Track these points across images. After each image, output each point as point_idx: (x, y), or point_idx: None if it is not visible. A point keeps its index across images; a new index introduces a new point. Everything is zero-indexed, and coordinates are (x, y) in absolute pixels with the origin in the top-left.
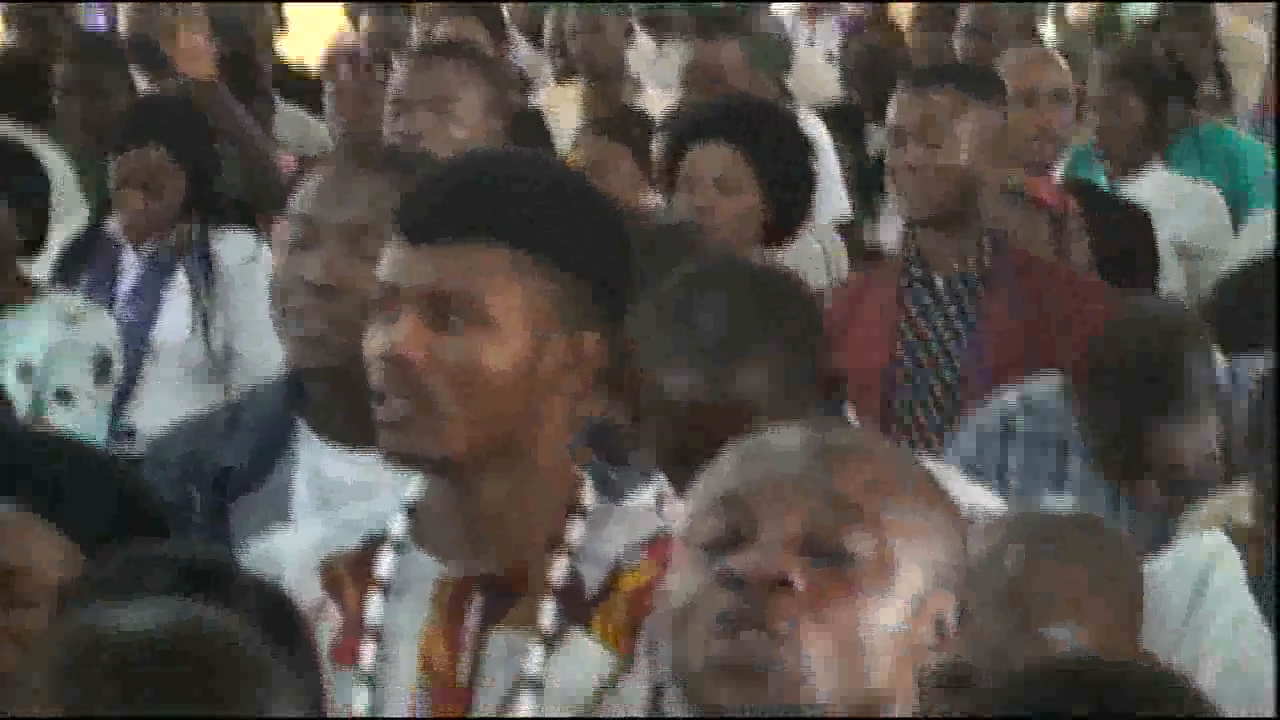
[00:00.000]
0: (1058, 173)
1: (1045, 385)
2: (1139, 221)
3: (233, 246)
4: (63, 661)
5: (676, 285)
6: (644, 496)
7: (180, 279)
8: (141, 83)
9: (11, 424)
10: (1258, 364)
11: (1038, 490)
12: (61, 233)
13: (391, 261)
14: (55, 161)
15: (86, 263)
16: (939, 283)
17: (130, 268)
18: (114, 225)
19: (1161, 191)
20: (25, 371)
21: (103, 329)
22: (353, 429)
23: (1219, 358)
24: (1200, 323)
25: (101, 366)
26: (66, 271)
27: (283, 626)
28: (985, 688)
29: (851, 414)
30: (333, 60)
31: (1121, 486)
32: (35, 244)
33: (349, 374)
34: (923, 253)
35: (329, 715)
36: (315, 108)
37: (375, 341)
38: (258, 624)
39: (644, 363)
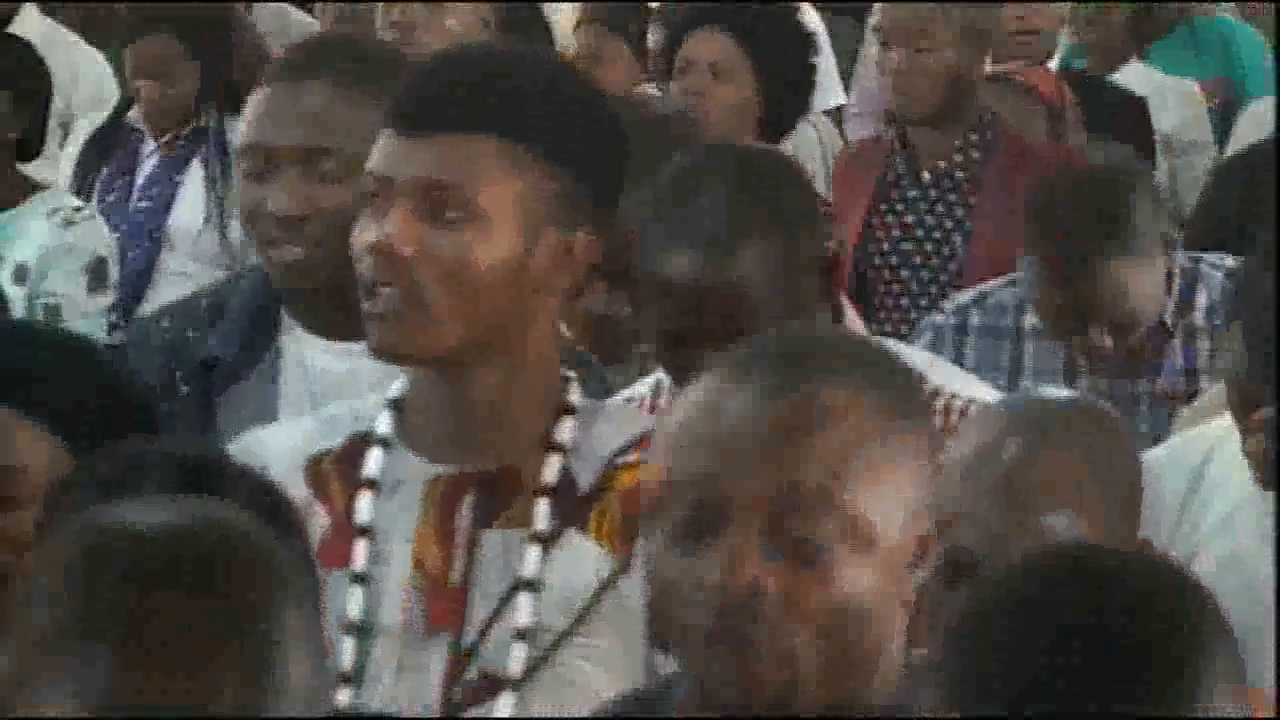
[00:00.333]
0: (1054, 65)
1: (1000, 281)
2: (1135, 108)
3: None
4: (77, 562)
5: (676, 171)
6: (641, 389)
7: (196, 168)
8: None
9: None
10: (1226, 260)
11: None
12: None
13: (383, 152)
14: (87, 57)
15: (109, 153)
16: (926, 177)
17: (149, 157)
18: (134, 115)
19: (1139, 87)
20: (20, 274)
21: (98, 233)
22: (339, 323)
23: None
24: (1147, 171)
25: (96, 274)
26: (90, 163)
27: (278, 522)
28: (984, 577)
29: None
30: None
31: (1072, 345)
32: (29, 144)
33: (333, 283)
34: (910, 146)
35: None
36: None
37: (366, 234)
38: (257, 514)
39: (643, 248)
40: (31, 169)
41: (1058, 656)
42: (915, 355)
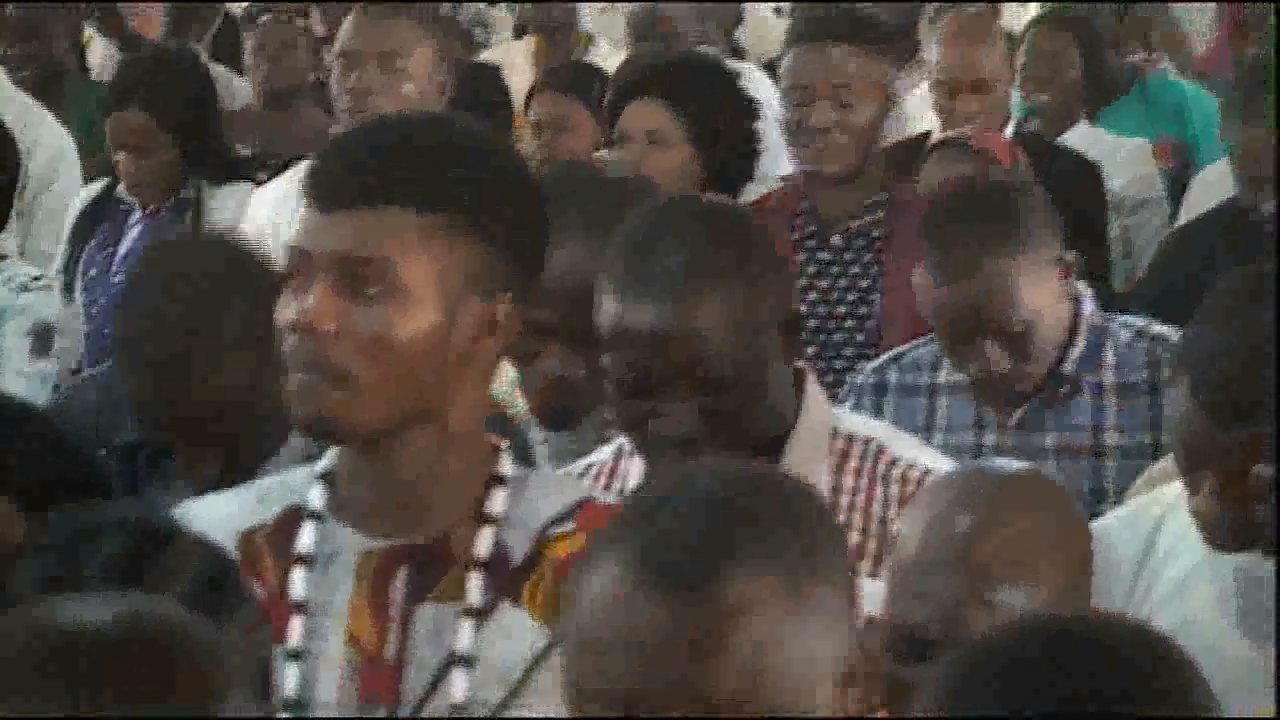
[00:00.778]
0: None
1: (918, 341)
2: (1088, 173)
3: (229, 202)
4: (11, 660)
5: (639, 221)
6: (603, 454)
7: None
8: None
9: None
10: (1138, 322)
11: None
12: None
13: (303, 228)
14: (54, 132)
15: (99, 225)
16: (836, 240)
17: (132, 228)
18: (122, 189)
19: (1090, 148)
20: None
21: (50, 302)
22: None
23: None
24: (1040, 191)
25: (40, 338)
26: (81, 234)
27: (227, 587)
28: (949, 655)
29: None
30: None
31: (970, 369)
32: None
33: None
34: (818, 209)
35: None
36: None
37: (287, 311)
38: (202, 585)
39: (605, 299)
40: None
41: (1040, 703)
42: (876, 426)
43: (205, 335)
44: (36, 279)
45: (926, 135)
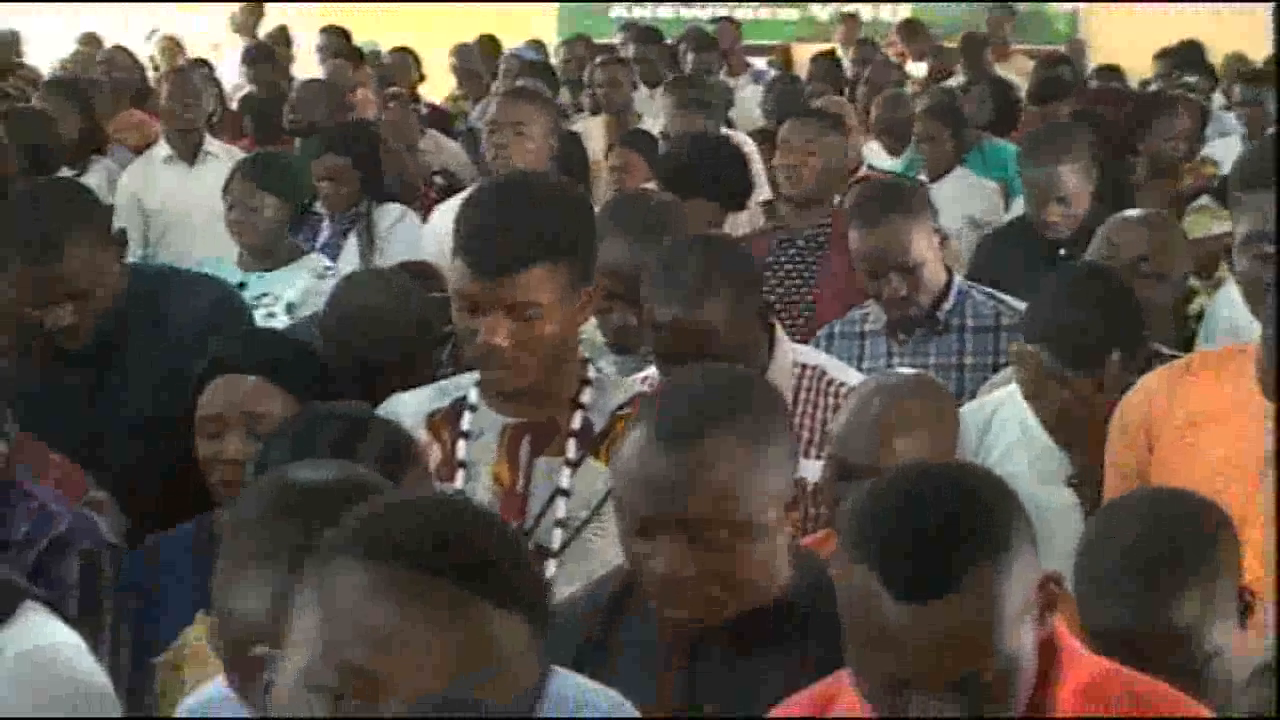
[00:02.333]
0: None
1: (855, 310)
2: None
3: (388, 214)
4: (265, 501)
5: (670, 245)
6: (652, 371)
7: (353, 237)
8: None
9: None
10: (992, 292)
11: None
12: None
13: (469, 287)
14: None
15: (304, 227)
16: (800, 241)
17: (325, 229)
18: (319, 204)
19: (960, 186)
20: (290, 308)
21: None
22: None
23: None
24: (924, 191)
25: None
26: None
27: (405, 455)
28: (871, 481)
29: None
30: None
31: (880, 290)
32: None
33: None
34: (787, 220)
35: None
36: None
37: (477, 337)
38: (388, 454)
39: (647, 297)
40: None
41: (919, 516)
42: (823, 358)
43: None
44: (329, 268)
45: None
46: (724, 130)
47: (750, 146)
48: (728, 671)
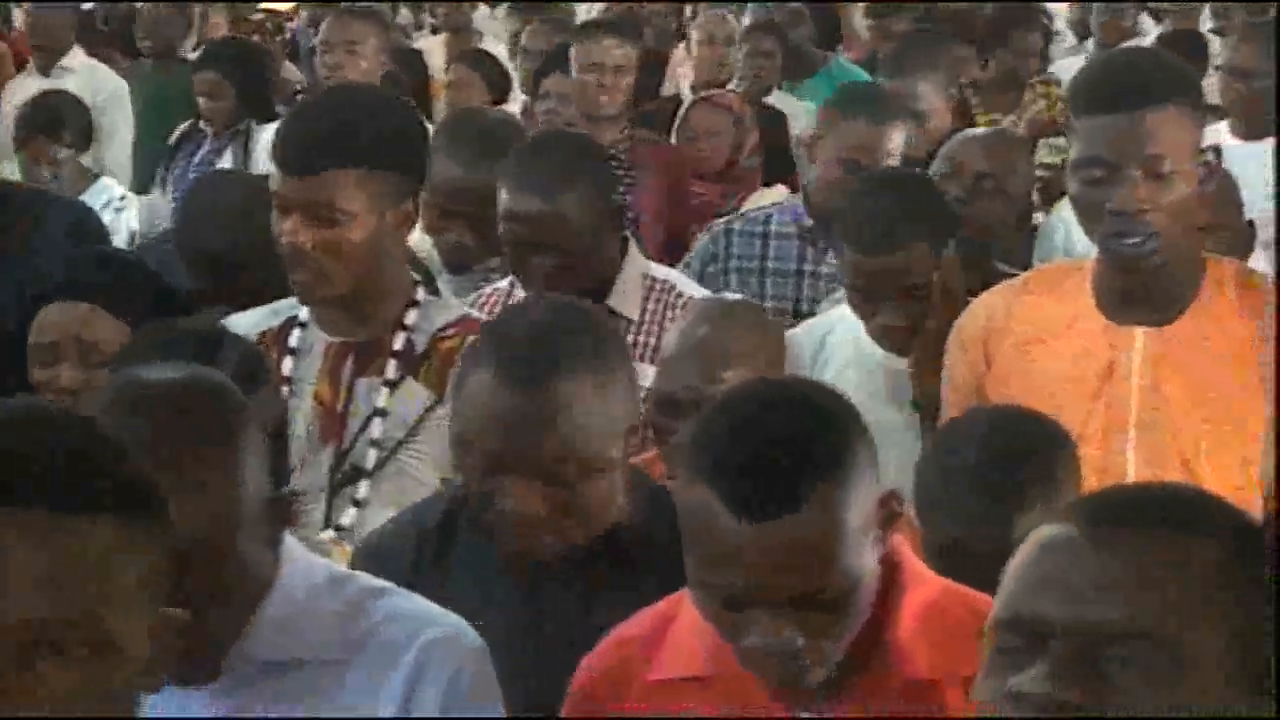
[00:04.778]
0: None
1: (754, 209)
2: (780, 119)
3: (267, 134)
4: (115, 398)
5: (528, 143)
6: (501, 284)
7: (228, 154)
8: None
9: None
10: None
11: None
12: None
13: (279, 184)
14: (111, 78)
15: (187, 141)
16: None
17: (206, 145)
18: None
19: (783, 106)
20: None
21: (133, 216)
22: None
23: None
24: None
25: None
26: (174, 150)
27: (259, 370)
28: (701, 409)
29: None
30: None
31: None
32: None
33: None
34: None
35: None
36: None
37: (282, 235)
38: (244, 369)
39: (503, 190)
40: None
41: (758, 434)
42: (672, 273)
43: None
44: (122, 198)
45: (675, 97)
46: None
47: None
48: (568, 596)
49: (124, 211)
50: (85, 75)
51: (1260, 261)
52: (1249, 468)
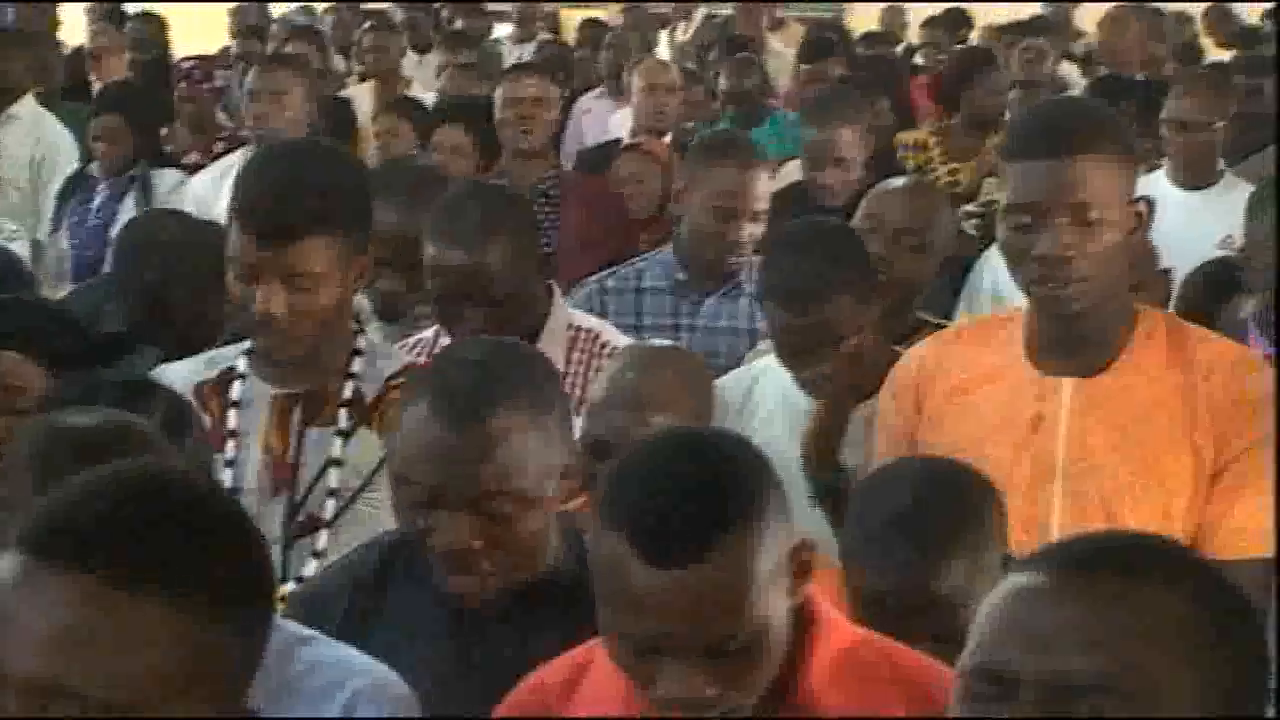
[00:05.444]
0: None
1: (628, 265)
2: None
3: (166, 179)
4: (34, 447)
5: (451, 194)
6: (426, 334)
7: (130, 199)
8: None
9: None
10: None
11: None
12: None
13: (244, 252)
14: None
15: (79, 187)
16: (526, 195)
17: (100, 192)
18: (94, 167)
19: None
20: None
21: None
22: None
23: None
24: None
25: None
26: (65, 194)
27: (185, 420)
28: (621, 454)
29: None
30: None
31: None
32: None
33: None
34: (512, 176)
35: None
36: None
37: (254, 305)
38: (170, 418)
39: (429, 245)
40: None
41: (669, 482)
42: (595, 322)
43: (183, 275)
44: (15, 230)
45: (617, 141)
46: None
47: None
48: (501, 643)
49: (12, 243)
50: (30, 123)
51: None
52: (1172, 521)
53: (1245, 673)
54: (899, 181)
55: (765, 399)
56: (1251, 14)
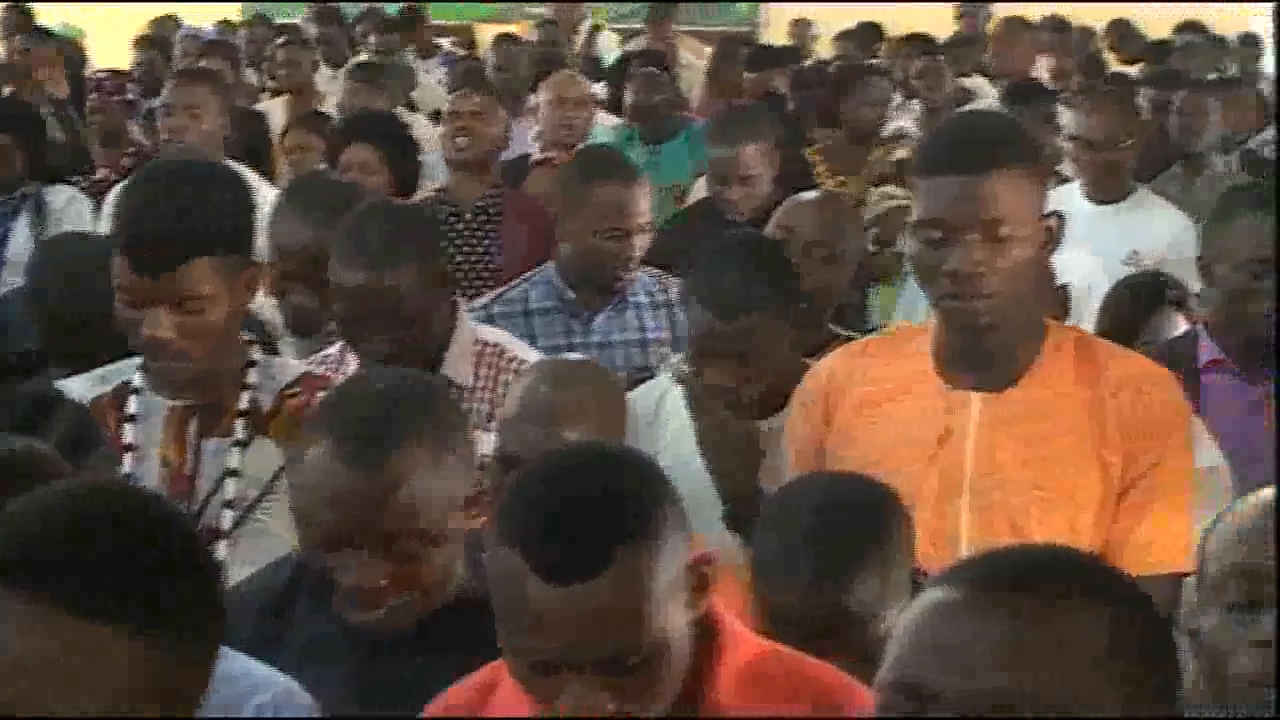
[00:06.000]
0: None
1: (514, 284)
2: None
3: (59, 196)
4: None
5: (356, 214)
6: (332, 350)
7: (23, 217)
8: None
9: None
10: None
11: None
12: None
13: (132, 284)
14: None
15: None
16: (468, 214)
17: None
18: None
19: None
20: None
21: None
22: None
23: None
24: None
25: None
26: None
27: (91, 435)
28: (529, 468)
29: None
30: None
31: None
32: None
33: None
34: (454, 193)
35: None
36: None
37: (141, 330)
38: (77, 433)
39: (334, 266)
40: None
41: (564, 499)
42: (501, 335)
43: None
44: None
45: (526, 156)
46: (402, 111)
47: (423, 129)
48: (408, 665)
49: None
50: None
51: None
52: (1079, 536)
53: (1160, 687)
54: (810, 195)
55: (675, 414)
56: (1153, 30)
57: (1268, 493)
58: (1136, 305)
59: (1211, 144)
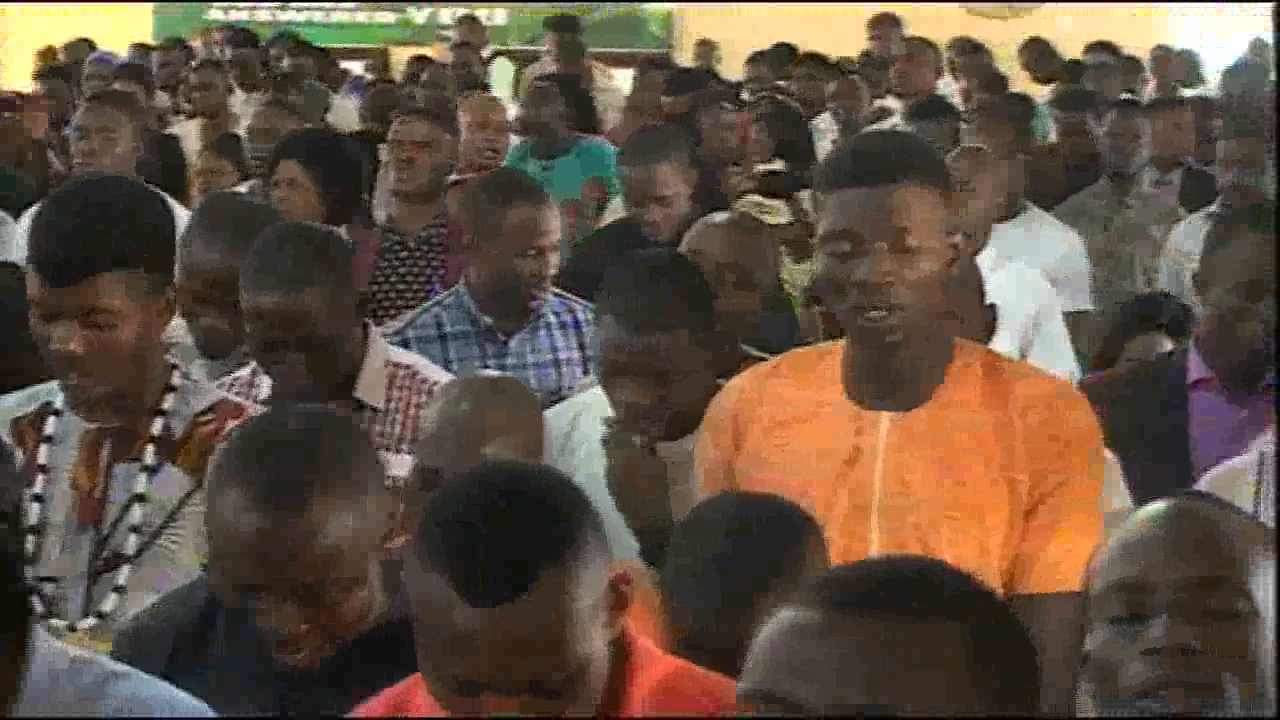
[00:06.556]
0: None
1: (426, 308)
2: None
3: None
4: None
5: (266, 237)
6: (244, 372)
7: None
8: None
9: None
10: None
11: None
12: None
13: (39, 294)
14: None
15: None
16: (411, 242)
17: None
18: None
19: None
20: None
21: None
22: None
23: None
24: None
25: None
26: None
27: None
28: (449, 488)
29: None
30: None
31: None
32: None
33: None
34: (398, 222)
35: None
36: None
37: (53, 345)
38: None
39: (245, 288)
40: None
41: (485, 520)
42: (414, 358)
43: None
44: None
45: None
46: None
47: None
48: (326, 690)
49: None
50: None
51: (1005, 343)
52: (989, 555)
53: (1019, 706)
54: (721, 216)
55: (591, 433)
56: (1069, 51)
57: (1154, 508)
58: (1124, 327)
59: (1141, 164)
